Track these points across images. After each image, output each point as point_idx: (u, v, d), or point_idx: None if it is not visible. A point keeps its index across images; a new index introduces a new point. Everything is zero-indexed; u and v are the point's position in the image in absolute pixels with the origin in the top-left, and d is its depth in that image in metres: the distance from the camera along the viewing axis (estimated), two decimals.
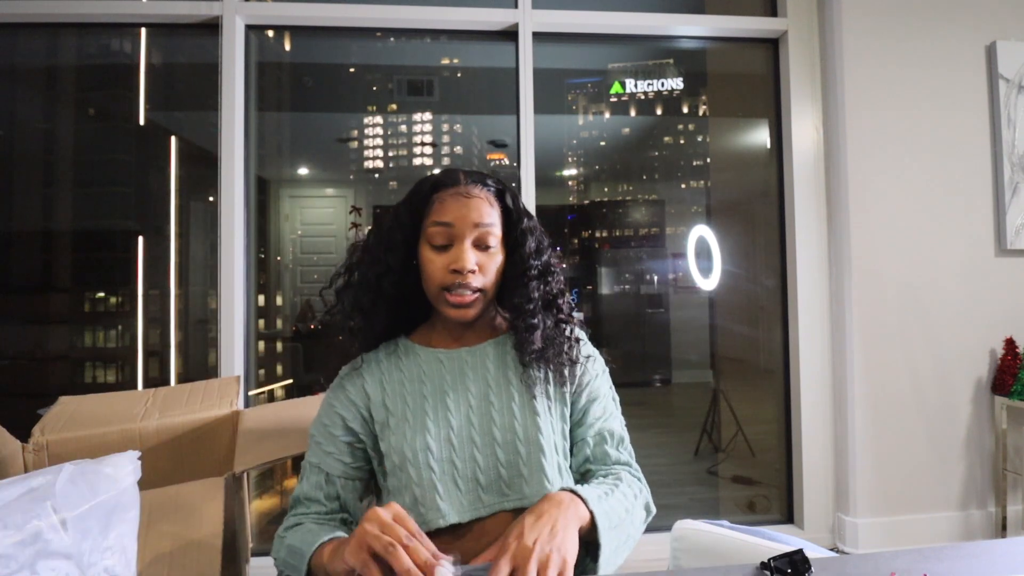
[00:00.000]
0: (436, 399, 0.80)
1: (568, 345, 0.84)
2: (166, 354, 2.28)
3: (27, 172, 2.29)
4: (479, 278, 0.80)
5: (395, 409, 0.81)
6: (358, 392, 0.83)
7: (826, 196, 2.21)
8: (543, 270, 0.85)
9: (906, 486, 2.07)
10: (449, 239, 0.80)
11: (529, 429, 0.78)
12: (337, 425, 0.82)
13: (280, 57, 2.41)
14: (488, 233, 0.81)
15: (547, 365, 0.82)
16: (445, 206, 0.80)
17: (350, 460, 0.82)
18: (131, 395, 1.36)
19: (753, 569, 0.65)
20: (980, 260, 2.13)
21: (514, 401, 0.80)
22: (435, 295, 0.81)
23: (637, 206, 4.46)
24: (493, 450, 0.77)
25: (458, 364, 0.83)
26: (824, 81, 2.21)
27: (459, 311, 0.80)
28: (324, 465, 0.81)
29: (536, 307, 0.82)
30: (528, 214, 0.87)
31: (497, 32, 2.21)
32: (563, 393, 0.84)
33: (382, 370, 0.84)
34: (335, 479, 0.81)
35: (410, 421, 0.79)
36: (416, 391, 0.82)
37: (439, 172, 0.85)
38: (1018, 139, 2.14)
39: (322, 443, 0.83)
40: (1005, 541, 0.73)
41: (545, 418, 0.80)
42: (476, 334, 0.87)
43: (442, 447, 0.77)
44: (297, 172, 2.85)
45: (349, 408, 0.83)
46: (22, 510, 0.73)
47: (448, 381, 0.82)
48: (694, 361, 3.71)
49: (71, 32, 2.23)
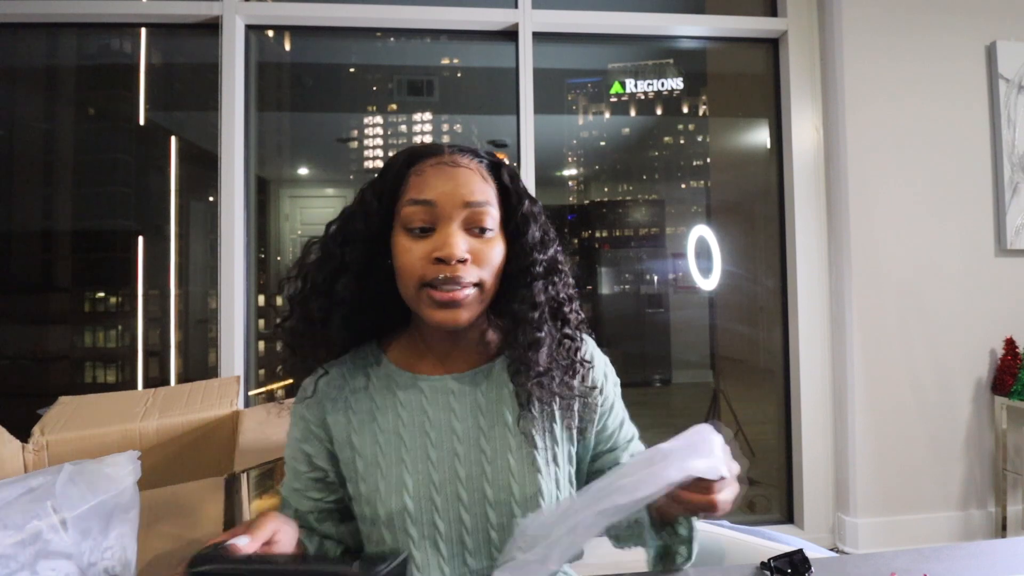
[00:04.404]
0: (415, 442, 0.65)
1: (578, 370, 0.68)
2: (166, 354, 2.28)
3: (27, 172, 2.29)
4: (472, 269, 0.62)
5: (364, 450, 0.66)
6: (319, 424, 0.68)
7: (826, 196, 2.21)
8: (549, 267, 0.67)
9: (906, 486, 2.07)
10: (431, 220, 0.62)
11: (527, 487, 0.64)
12: (300, 460, 0.69)
13: (280, 57, 2.41)
14: (483, 212, 0.63)
15: (551, 398, 0.66)
16: (424, 179, 0.63)
17: (321, 495, 0.69)
18: (131, 395, 1.36)
19: (753, 569, 0.65)
20: (980, 260, 2.12)
21: (510, 450, 0.65)
22: (414, 295, 0.63)
23: (637, 206, 4.46)
24: (483, 509, 0.64)
25: (443, 397, 0.67)
26: (824, 81, 2.21)
27: (447, 312, 0.61)
28: (293, 500, 0.70)
29: (543, 315, 0.65)
30: (530, 196, 0.68)
31: (497, 32, 2.21)
32: (571, 430, 0.69)
33: (347, 396, 0.68)
34: (305, 515, 0.70)
35: (383, 470, 0.64)
36: (390, 428, 0.66)
37: (414, 144, 0.68)
38: (1018, 139, 2.14)
39: (289, 476, 0.71)
40: (1005, 541, 0.73)
41: (548, 472, 0.65)
42: (465, 354, 0.70)
43: (422, 508, 0.63)
44: (297, 172, 2.85)
45: (312, 442, 0.69)
46: (22, 510, 0.73)
47: (430, 418, 0.66)
48: (694, 361, 3.71)
49: (71, 32, 2.22)
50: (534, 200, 0.69)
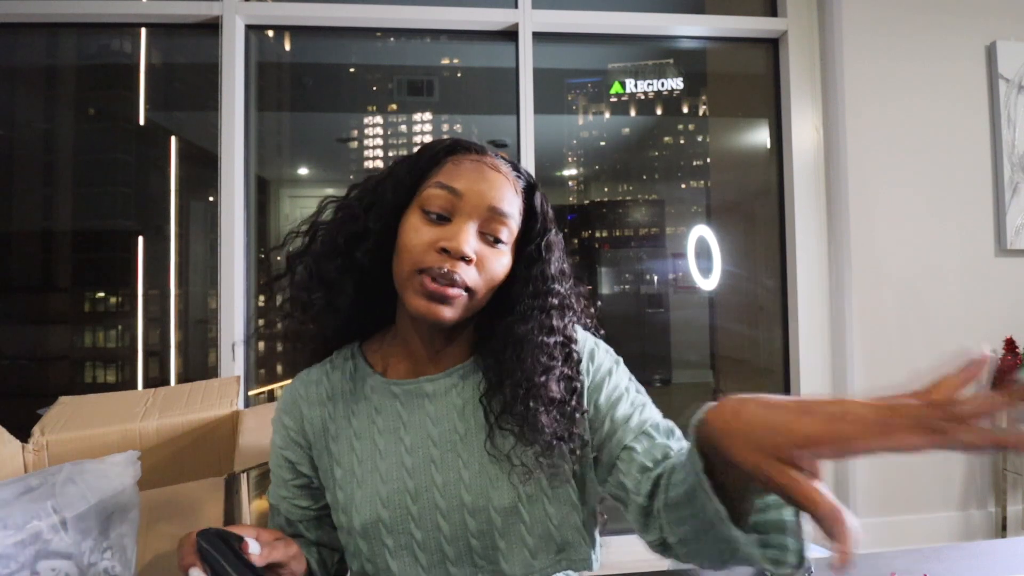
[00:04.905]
0: (389, 449, 0.63)
1: (550, 402, 0.61)
2: (166, 354, 2.28)
3: (27, 172, 2.29)
4: (472, 273, 0.60)
5: (341, 458, 0.65)
6: (299, 431, 0.68)
7: (826, 196, 2.21)
8: (563, 303, 0.65)
9: (906, 486, 2.07)
10: (450, 209, 0.60)
11: (505, 494, 0.61)
12: (284, 468, 0.69)
13: (280, 57, 2.41)
14: (503, 223, 0.61)
15: (529, 433, 0.60)
16: (460, 170, 0.62)
17: (308, 503, 0.69)
18: (131, 395, 1.36)
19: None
20: (980, 260, 2.12)
21: (488, 454, 0.62)
22: (406, 277, 0.60)
23: (637, 206, 4.45)
24: (462, 516, 0.61)
25: (417, 401, 0.65)
26: (824, 81, 2.21)
27: (432, 306, 0.58)
28: (282, 508, 0.69)
29: (556, 359, 0.62)
30: (555, 224, 0.67)
31: (497, 32, 2.21)
32: (549, 449, 0.62)
33: (325, 401, 0.67)
34: (295, 523, 0.69)
35: (358, 479, 0.63)
36: (366, 434, 0.65)
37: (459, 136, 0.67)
38: (1018, 139, 2.14)
39: (276, 484, 0.71)
40: (1005, 541, 0.73)
41: (529, 478, 0.62)
42: (440, 356, 0.67)
43: (398, 517, 0.61)
44: (297, 172, 2.84)
45: (294, 450, 0.68)
46: (22, 510, 0.73)
47: (404, 424, 0.64)
48: (694, 361, 3.70)
49: (71, 32, 2.22)
50: (558, 231, 0.67)
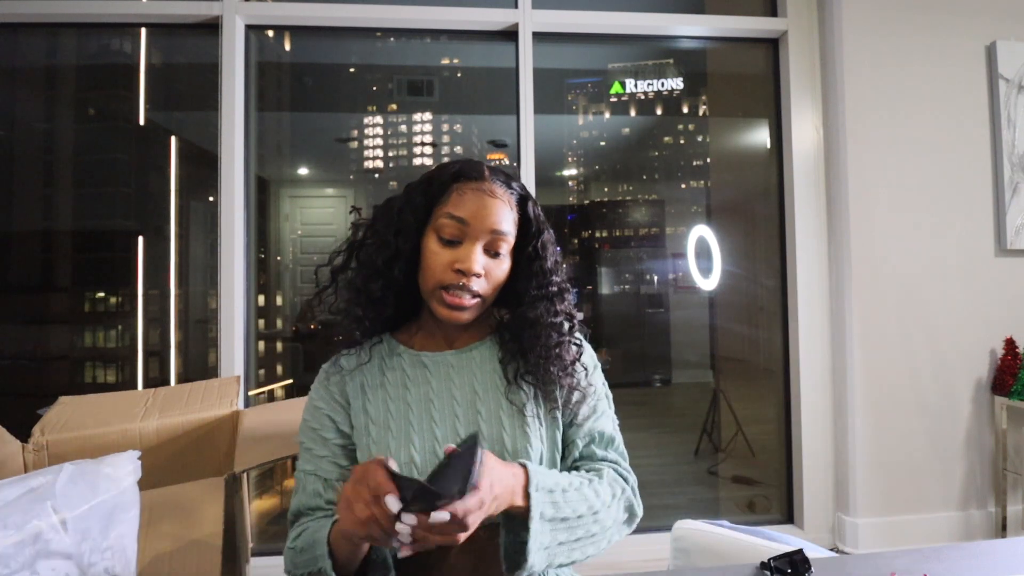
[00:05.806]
0: (420, 408, 0.77)
1: (573, 369, 0.80)
2: (166, 354, 2.28)
3: (27, 172, 2.29)
4: (481, 283, 0.76)
5: (376, 416, 0.77)
6: (341, 393, 0.80)
7: (826, 196, 2.21)
8: (560, 289, 0.80)
9: (906, 486, 2.07)
10: (459, 235, 0.75)
11: (518, 440, 0.75)
12: (327, 428, 0.79)
13: (280, 57, 2.41)
14: (502, 240, 0.77)
15: (544, 385, 0.78)
16: (464, 199, 0.75)
17: (346, 463, 0.78)
18: (131, 395, 1.36)
19: (753, 569, 0.65)
20: (980, 260, 2.13)
21: (502, 410, 0.77)
22: (430, 291, 0.76)
23: (637, 206, 4.45)
24: None
25: (444, 369, 0.80)
26: (824, 81, 2.21)
27: (454, 313, 0.75)
28: (320, 471, 0.77)
29: (564, 332, 0.79)
30: (547, 226, 0.82)
31: (497, 32, 2.21)
32: (555, 397, 0.80)
33: (364, 372, 0.80)
34: (334, 484, 0.76)
35: (393, 431, 0.75)
36: (399, 397, 0.78)
37: (462, 160, 0.81)
38: (1018, 139, 2.14)
39: (313, 448, 0.79)
40: (1005, 541, 0.73)
41: (534, 428, 0.77)
42: (464, 335, 0.83)
43: (427, 460, 0.73)
44: (297, 172, 2.84)
45: (337, 410, 0.79)
46: (22, 510, 0.73)
47: (433, 387, 0.78)
48: (694, 361, 3.70)
49: (71, 32, 2.22)
50: (549, 228, 0.82)
